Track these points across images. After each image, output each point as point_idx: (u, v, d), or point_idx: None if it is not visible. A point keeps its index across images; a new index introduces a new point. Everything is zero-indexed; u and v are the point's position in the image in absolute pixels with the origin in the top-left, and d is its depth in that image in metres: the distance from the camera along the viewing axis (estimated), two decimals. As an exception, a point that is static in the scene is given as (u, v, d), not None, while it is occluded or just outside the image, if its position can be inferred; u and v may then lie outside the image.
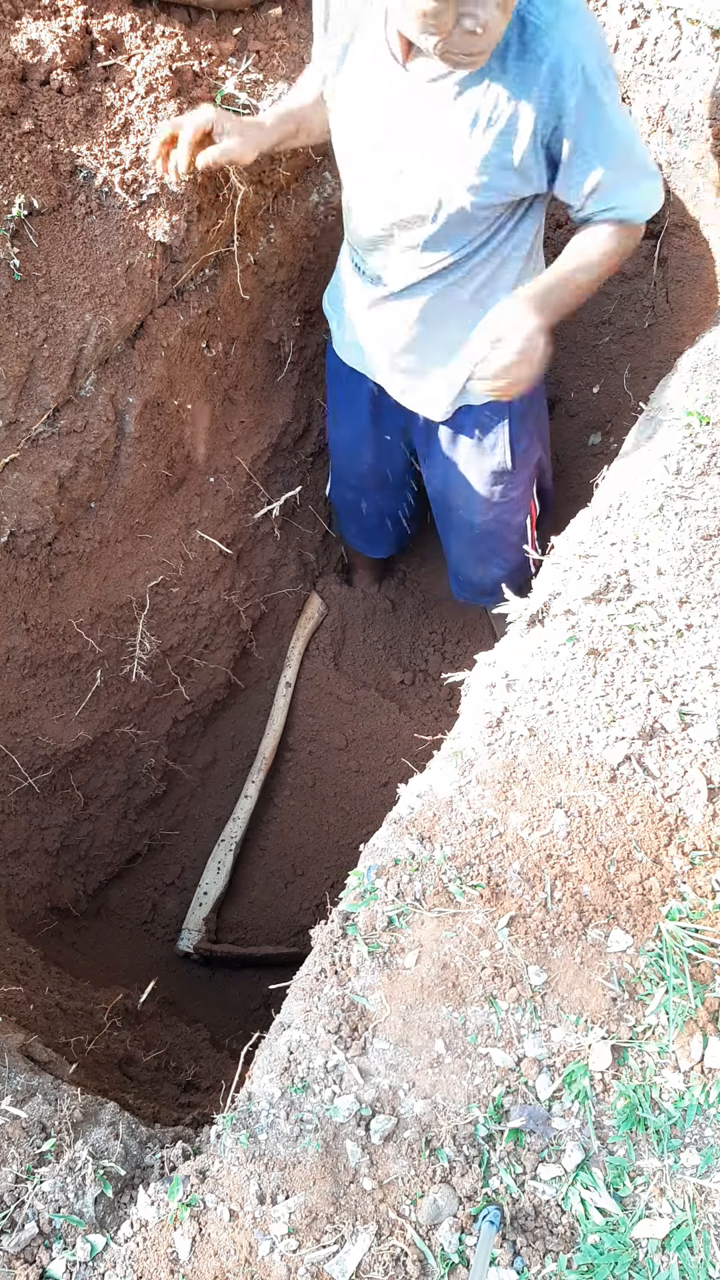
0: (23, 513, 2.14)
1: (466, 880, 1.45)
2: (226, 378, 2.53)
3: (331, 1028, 1.39)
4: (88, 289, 2.02)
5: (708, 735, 1.51)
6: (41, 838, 2.61)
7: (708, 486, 1.79)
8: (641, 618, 1.65)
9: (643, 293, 2.98)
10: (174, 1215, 1.30)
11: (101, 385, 2.17)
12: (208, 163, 1.89)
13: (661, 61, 2.48)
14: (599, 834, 1.46)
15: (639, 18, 2.46)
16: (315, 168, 2.46)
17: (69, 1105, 1.44)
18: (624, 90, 2.58)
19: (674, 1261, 1.24)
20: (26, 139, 1.93)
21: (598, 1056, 1.34)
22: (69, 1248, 1.31)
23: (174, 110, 2.04)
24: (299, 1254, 1.26)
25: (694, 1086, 1.32)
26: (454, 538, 2.66)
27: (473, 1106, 1.33)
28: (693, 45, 2.42)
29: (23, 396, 2.03)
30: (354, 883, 1.50)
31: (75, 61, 2.01)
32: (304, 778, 3.17)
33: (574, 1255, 1.25)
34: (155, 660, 2.70)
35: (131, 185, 2.01)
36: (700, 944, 1.38)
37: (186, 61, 2.09)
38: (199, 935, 2.81)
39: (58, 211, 1.97)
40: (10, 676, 2.35)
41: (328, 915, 1.51)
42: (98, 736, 2.64)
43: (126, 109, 2.04)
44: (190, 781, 3.10)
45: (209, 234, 2.18)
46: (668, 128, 2.56)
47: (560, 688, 1.59)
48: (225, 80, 2.15)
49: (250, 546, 2.92)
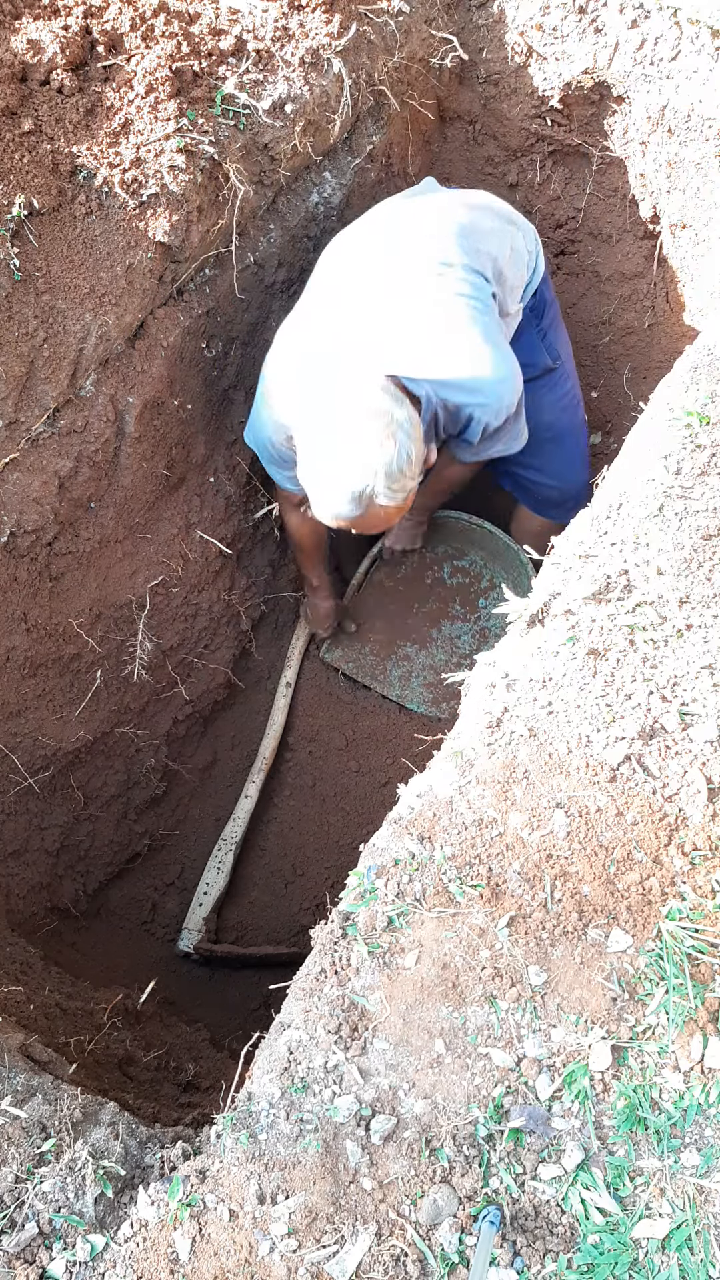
0: (23, 513, 2.14)
1: (466, 880, 1.45)
2: (226, 378, 2.53)
3: (331, 1028, 1.39)
4: (88, 289, 2.02)
5: (708, 735, 1.51)
6: (41, 838, 2.61)
7: (708, 486, 1.79)
8: (641, 618, 1.65)
9: (643, 293, 2.98)
10: (174, 1215, 1.30)
11: (101, 385, 2.17)
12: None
13: (661, 61, 2.48)
14: (599, 834, 1.46)
15: (639, 18, 2.46)
16: (315, 168, 2.46)
17: (69, 1105, 1.44)
18: (624, 90, 2.58)
19: (674, 1261, 1.24)
20: (26, 139, 1.93)
21: (598, 1056, 1.34)
22: (69, 1248, 1.31)
23: (174, 110, 2.04)
24: (299, 1254, 1.26)
25: (694, 1086, 1.32)
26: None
27: (473, 1106, 1.33)
28: (693, 45, 2.42)
29: (23, 396, 2.03)
30: (354, 883, 1.50)
31: (75, 61, 2.01)
32: (304, 778, 3.17)
33: (574, 1255, 1.25)
34: (155, 660, 2.70)
35: (131, 185, 2.01)
36: (700, 944, 1.38)
37: (186, 61, 2.09)
38: (199, 935, 2.81)
39: (58, 211, 1.97)
40: (10, 676, 2.35)
41: (328, 915, 1.51)
42: (98, 736, 2.64)
43: (126, 109, 2.04)
44: (190, 781, 3.10)
45: (209, 234, 2.18)
46: (668, 128, 2.56)
47: (560, 688, 1.59)
48: (225, 80, 2.15)
49: (250, 546, 2.92)
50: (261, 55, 2.22)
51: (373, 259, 2.10)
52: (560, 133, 2.74)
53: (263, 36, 2.23)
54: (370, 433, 1.84)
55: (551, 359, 2.52)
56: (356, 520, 1.93)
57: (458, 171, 2.92)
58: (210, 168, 2.10)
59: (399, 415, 1.87)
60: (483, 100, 2.75)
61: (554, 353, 2.53)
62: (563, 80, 2.60)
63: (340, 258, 2.17)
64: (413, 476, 1.89)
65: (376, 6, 2.38)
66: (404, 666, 3.24)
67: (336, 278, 2.14)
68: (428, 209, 2.18)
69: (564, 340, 2.61)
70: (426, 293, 2.00)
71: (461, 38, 2.61)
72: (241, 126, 2.17)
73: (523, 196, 2.94)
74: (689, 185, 2.61)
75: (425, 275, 2.02)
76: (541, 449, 2.40)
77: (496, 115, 2.76)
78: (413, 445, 1.87)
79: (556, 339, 2.55)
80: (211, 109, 2.12)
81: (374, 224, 2.20)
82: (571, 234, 2.97)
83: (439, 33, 2.56)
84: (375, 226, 2.19)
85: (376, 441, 1.84)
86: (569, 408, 2.64)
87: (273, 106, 2.20)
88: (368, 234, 2.18)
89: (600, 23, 2.49)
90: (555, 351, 2.53)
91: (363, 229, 2.20)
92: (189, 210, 2.07)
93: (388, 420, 1.85)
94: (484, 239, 2.14)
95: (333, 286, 2.13)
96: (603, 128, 2.70)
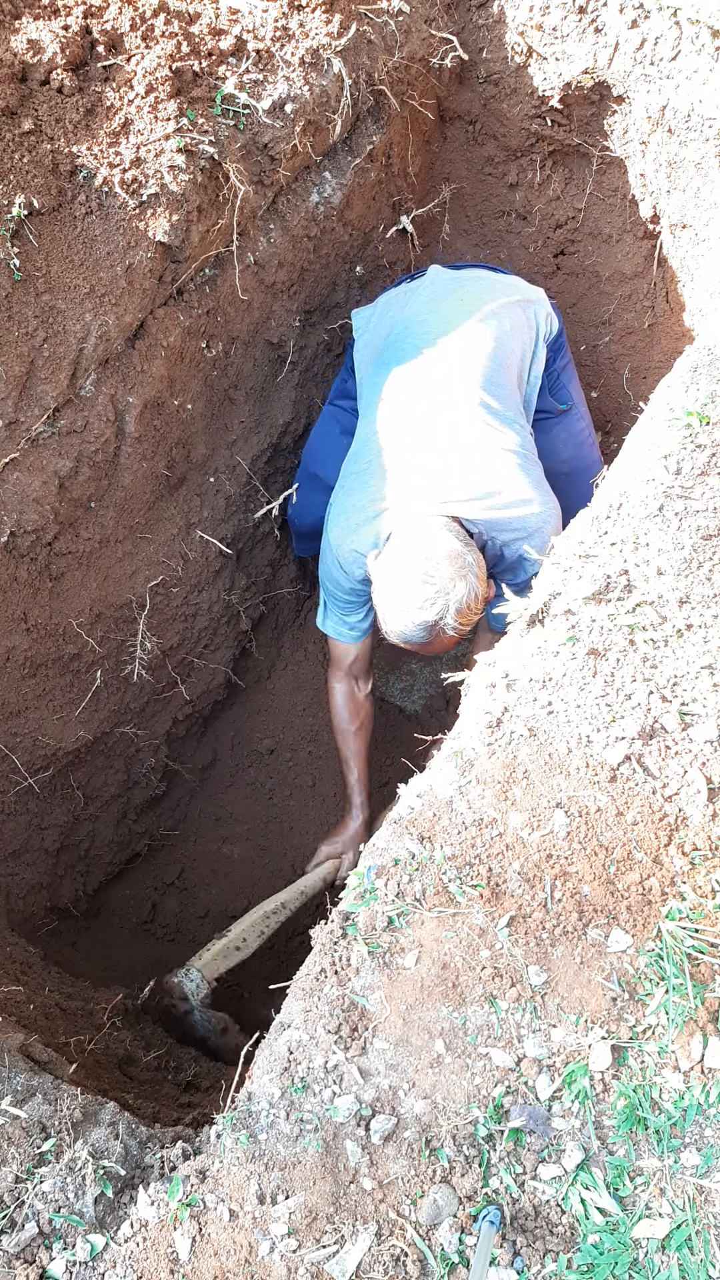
0: (23, 513, 2.14)
1: (466, 880, 1.45)
2: (226, 378, 2.53)
3: (331, 1028, 1.39)
4: (88, 289, 2.02)
5: (708, 735, 1.51)
6: (41, 838, 2.61)
7: (708, 486, 1.79)
8: (641, 618, 1.65)
9: (643, 293, 2.98)
10: (174, 1215, 1.30)
11: (101, 385, 2.17)
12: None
13: (661, 61, 2.48)
14: (599, 834, 1.46)
15: (639, 18, 2.46)
16: (315, 168, 2.46)
17: (69, 1105, 1.44)
18: (624, 90, 2.58)
19: (674, 1261, 1.24)
20: (26, 139, 1.93)
21: (598, 1056, 1.34)
22: (69, 1248, 1.31)
23: (174, 110, 2.04)
24: (299, 1254, 1.26)
25: (694, 1086, 1.32)
26: None
27: (473, 1106, 1.33)
28: (693, 45, 2.42)
29: (23, 396, 2.03)
30: (354, 883, 1.50)
31: (75, 61, 2.01)
32: (304, 778, 3.17)
33: (574, 1255, 1.25)
34: (155, 660, 2.70)
35: (131, 185, 2.01)
36: (700, 944, 1.38)
37: (186, 61, 2.09)
38: (207, 989, 2.46)
39: (58, 211, 1.97)
40: (10, 676, 2.35)
41: (328, 915, 1.51)
42: (98, 736, 2.64)
43: (126, 109, 2.04)
44: (190, 781, 3.10)
45: (209, 234, 2.18)
46: (668, 128, 2.56)
47: (560, 688, 1.59)
48: (225, 80, 2.15)
49: (250, 546, 2.92)
50: (261, 55, 2.22)
51: (419, 401, 2.29)
52: (560, 133, 2.74)
53: (263, 36, 2.23)
54: (446, 572, 2.04)
55: (562, 403, 2.62)
56: (421, 645, 2.11)
57: (458, 171, 2.92)
58: (210, 168, 2.10)
59: (470, 558, 2.07)
60: (483, 100, 2.75)
61: (565, 395, 2.62)
62: (563, 80, 2.60)
63: (389, 400, 2.33)
64: (476, 612, 2.10)
65: (376, 6, 2.38)
66: (406, 681, 3.26)
67: (389, 421, 2.31)
68: (459, 341, 2.33)
69: (575, 384, 2.70)
70: (482, 446, 2.22)
71: (461, 38, 2.62)
72: (241, 126, 2.17)
73: (523, 196, 2.94)
74: (689, 185, 2.61)
75: (479, 428, 2.24)
76: (560, 484, 2.48)
77: (496, 115, 2.76)
78: (480, 585, 2.08)
79: (569, 383, 2.65)
80: (211, 109, 2.12)
81: (406, 358, 2.35)
82: (571, 234, 2.97)
83: (439, 33, 2.56)
84: (411, 366, 2.33)
85: (450, 579, 2.04)
86: (583, 445, 2.71)
87: (273, 106, 2.20)
88: (407, 374, 2.33)
89: (600, 23, 2.49)
90: (567, 394, 2.63)
91: (400, 371, 2.34)
92: (189, 210, 2.07)
93: (462, 562, 2.05)
94: (510, 356, 2.35)
95: (387, 431, 2.31)
96: (603, 128, 2.70)
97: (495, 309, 2.38)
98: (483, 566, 2.12)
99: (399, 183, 2.75)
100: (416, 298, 2.48)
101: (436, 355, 2.33)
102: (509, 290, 2.46)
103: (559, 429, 2.62)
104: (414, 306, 2.46)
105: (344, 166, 2.51)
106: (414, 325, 2.40)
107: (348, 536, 2.29)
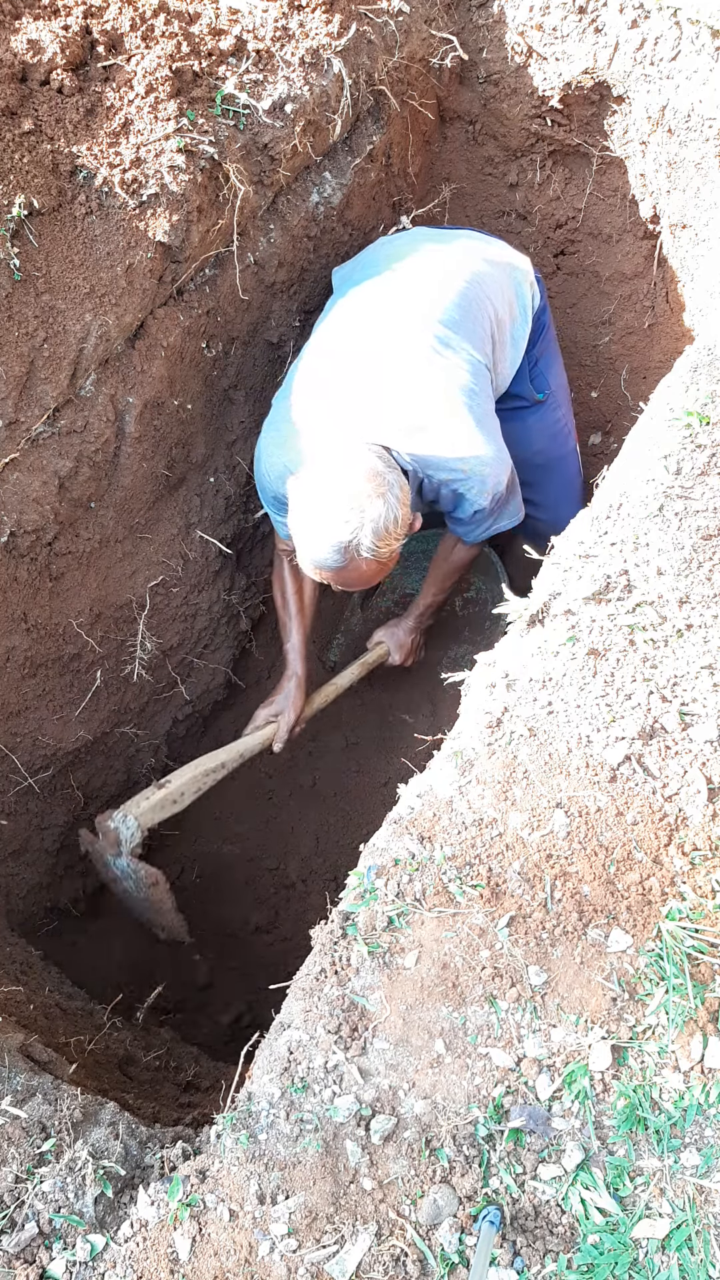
0: (23, 513, 2.14)
1: (466, 880, 1.45)
2: (226, 377, 2.53)
3: (331, 1028, 1.39)
4: (88, 289, 2.02)
5: (708, 735, 1.51)
6: (41, 838, 2.61)
7: (708, 486, 1.79)
8: (641, 618, 1.65)
9: (643, 293, 2.98)
10: (174, 1215, 1.30)
11: (101, 385, 2.17)
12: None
13: (661, 61, 2.48)
14: (599, 834, 1.46)
15: (639, 18, 2.46)
16: (315, 168, 2.46)
17: (69, 1105, 1.44)
18: (624, 90, 2.58)
19: (674, 1261, 1.24)
20: (26, 139, 1.93)
21: (598, 1056, 1.34)
22: (69, 1248, 1.31)
23: (174, 110, 2.04)
24: (299, 1254, 1.26)
25: (694, 1086, 1.32)
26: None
27: (473, 1106, 1.33)
28: (693, 45, 2.42)
29: (23, 396, 2.03)
30: (354, 883, 1.50)
31: (75, 61, 2.01)
32: (304, 778, 3.17)
33: (574, 1255, 1.25)
34: (155, 660, 2.70)
35: (131, 185, 2.01)
36: (700, 944, 1.38)
37: (186, 61, 2.09)
38: (140, 837, 2.41)
39: (58, 211, 1.97)
40: (10, 676, 2.35)
41: (328, 915, 1.51)
42: (98, 736, 2.64)
43: (126, 109, 2.04)
44: (190, 781, 3.09)
45: (209, 234, 2.18)
46: (668, 128, 2.56)
47: (560, 688, 1.59)
48: (225, 80, 2.15)
49: (250, 546, 2.92)
50: (261, 55, 2.22)
51: (374, 319, 2.18)
52: (560, 133, 2.74)
53: (263, 36, 2.23)
54: (363, 489, 1.93)
55: (539, 391, 2.54)
56: (337, 572, 2.00)
57: (458, 171, 2.92)
58: (210, 168, 2.10)
59: (390, 478, 1.97)
60: (483, 100, 2.76)
61: (542, 384, 2.55)
62: (563, 80, 2.60)
63: (344, 312, 2.24)
64: (396, 537, 1.98)
65: (376, 6, 2.38)
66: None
67: (340, 334, 2.21)
68: (430, 271, 2.24)
69: (557, 371, 2.63)
70: (426, 375, 2.10)
71: (461, 38, 2.62)
72: (241, 126, 2.17)
73: (523, 196, 2.94)
74: (689, 185, 2.61)
75: (425, 353, 2.11)
76: (532, 475, 2.44)
77: (496, 115, 2.76)
78: (400, 508, 1.97)
79: (549, 369, 2.58)
80: (211, 109, 2.12)
81: (375, 276, 2.26)
82: (571, 234, 2.97)
83: (439, 33, 2.56)
84: (376, 283, 2.24)
85: (367, 497, 1.93)
86: (558, 435, 2.65)
87: (273, 106, 2.20)
88: (370, 290, 2.24)
89: (600, 23, 2.49)
90: (545, 382, 2.56)
91: (366, 286, 2.25)
92: (189, 210, 2.07)
93: (380, 480, 1.95)
94: (483, 305, 2.23)
95: (336, 344, 2.21)
96: (603, 128, 2.70)
97: (477, 261, 2.30)
98: (406, 491, 2.01)
99: (399, 183, 2.75)
100: (397, 240, 2.43)
101: (400, 282, 2.24)
102: (495, 252, 2.39)
103: (533, 419, 2.56)
104: (393, 245, 2.39)
105: (344, 166, 2.51)
106: (389, 258, 2.32)
107: (275, 449, 2.21)
